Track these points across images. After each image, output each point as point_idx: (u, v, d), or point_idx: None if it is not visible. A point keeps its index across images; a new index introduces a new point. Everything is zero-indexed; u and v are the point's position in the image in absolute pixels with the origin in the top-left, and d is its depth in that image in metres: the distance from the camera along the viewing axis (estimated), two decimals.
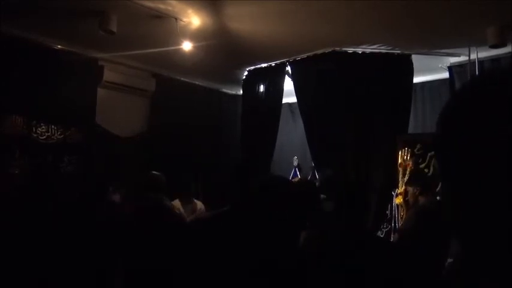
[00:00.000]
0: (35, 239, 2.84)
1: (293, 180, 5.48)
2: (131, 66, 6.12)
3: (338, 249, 2.13)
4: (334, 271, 1.90)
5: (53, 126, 5.36)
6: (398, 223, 4.75)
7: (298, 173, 6.84)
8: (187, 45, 5.08)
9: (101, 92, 5.87)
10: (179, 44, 5.01)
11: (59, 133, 5.40)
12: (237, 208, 1.99)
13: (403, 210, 4.73)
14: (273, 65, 6.11)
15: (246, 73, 6.53)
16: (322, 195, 3.12)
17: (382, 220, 5.05)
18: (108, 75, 5.84)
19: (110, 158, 5.66)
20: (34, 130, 5.21)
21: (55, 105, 5.31)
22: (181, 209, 4.26)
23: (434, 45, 5.11)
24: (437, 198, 4.25)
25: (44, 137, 5.28)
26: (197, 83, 6.98)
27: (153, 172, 3.51)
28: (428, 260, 2.80)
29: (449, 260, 3.05)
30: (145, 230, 2.88)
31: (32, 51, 5.14)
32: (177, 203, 4.30)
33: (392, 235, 4.70)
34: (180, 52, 5.28)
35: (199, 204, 4.56)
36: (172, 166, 5.30)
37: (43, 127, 5.28)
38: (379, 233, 4.91)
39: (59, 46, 5.39)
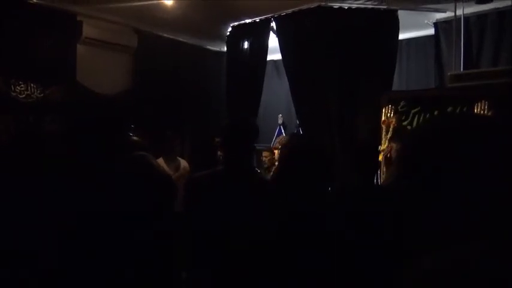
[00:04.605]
0: (24, 197, 2.81)
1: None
2: (112, 21, 5.93)
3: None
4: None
5: (32, 85, 5.21)
6: (380, 179, 4.83)
7: (283, 130, 6.85)
8: None
9: (80, 48, 5.70)
10: None
11: (38, 92, 5.26)
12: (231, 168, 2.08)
13: (384, 167, 4.81)
14: (258, 20, 5.97)
15: (230, 29, 6.38)
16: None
17: None
18: (87, 31, 5.64)
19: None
20: (13, 89, 5.06)
21: (33, 63, 5.15)
22: (165, 167, 4.28)
23: (420, 0, 5.03)
24: None
25: (24, 95, 5.14)
26: (180, 39, 6.82)
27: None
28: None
29: None
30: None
31: (7, 6, 4.93)
32: (160, 160, 4.31)
33: None
34: (162, 6, 5.15)
35: (183, 163, 4.58)
36: (156, 124, 5.27)
37: (22, 85, 5.13)
38: None
39: (35, 0, 5.18)
